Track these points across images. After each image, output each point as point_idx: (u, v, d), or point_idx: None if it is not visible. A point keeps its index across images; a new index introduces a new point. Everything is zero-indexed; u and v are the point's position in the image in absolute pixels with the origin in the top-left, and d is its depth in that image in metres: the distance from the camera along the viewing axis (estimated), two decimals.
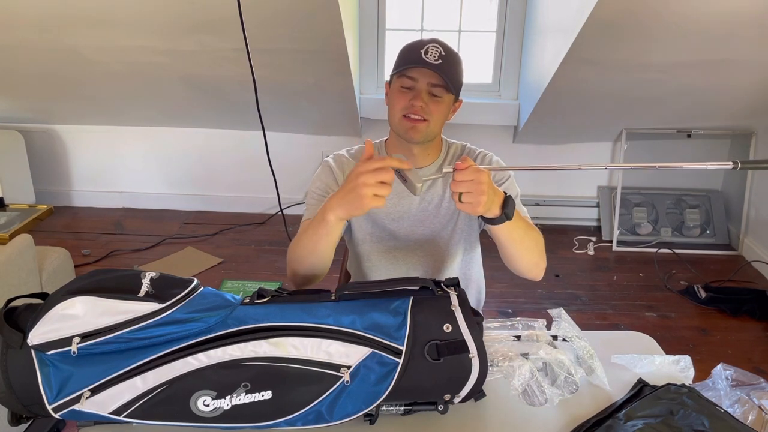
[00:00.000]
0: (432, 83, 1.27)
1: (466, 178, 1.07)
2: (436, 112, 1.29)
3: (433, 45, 1.26)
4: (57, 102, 3.37)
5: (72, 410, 0.89)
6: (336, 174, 1.40)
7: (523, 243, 1.23)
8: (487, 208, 1.10)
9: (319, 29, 2.51)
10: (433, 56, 1.25)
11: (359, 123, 3.39)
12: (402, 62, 1.29)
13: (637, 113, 3.18)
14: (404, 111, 1.29)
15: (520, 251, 1.24)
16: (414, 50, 1.27)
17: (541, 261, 1.30)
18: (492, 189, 1.10)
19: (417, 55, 1.25)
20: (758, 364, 2.42)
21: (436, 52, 1.25)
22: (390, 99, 1.34)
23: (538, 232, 1.28)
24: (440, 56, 1.25)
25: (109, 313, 0.88)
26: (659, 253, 3.35)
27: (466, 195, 1.07)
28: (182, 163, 3.69)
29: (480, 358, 0.93)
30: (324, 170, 1.42)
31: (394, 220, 1.42)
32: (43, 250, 2.19)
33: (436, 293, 1.00)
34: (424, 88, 1.27)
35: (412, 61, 1.26)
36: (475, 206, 1.08)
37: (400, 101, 1.29)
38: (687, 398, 0.99)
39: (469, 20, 3.23)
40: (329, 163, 1.43)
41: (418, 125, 1.29)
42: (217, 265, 3.13)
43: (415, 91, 1.28)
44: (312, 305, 0.97)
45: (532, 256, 1.27)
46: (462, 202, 1.08)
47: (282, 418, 0.90)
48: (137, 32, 2.59)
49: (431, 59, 1.25)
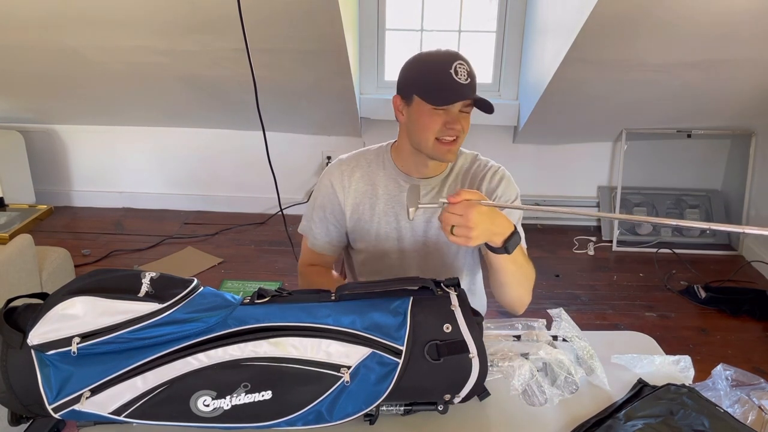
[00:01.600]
0: (465, 104, 1.23)
1: (456, 212, 1.05)
2: (466, 128, 1.26)
3: (459, 63, 1.19)
4: (57, 102, 3.36)
5: (72, 410, 0.89)
6: (337, 190, 1.39)
7: (515, 276, 1.21)
8: (486, 238, 1.09)
9: (319, 29, 2.51)
10: (463, 76, 1.19)
11: (359, 123, 3.39)
12: (434, 87, 1.21)
13: (637, 113, 3.18)
14: (438, 134, 1.23)
15: (509, 283, 1.22)
16: (443, 72, 1.19)
17: (526, 297, 1.28)
18: (491, 220, 1.07)
19: (449, 78, 1.18)
20: (758, 364, 2.42)
21: (464, 71, 1.19)
22: (418, 120, 1.25)
23: (532, 268, 1.26)
24: (468, 74, 1.20)
25: (109, 313, 0.88)
26: (659, 253, 3.35)
27: (457, 228, 1.06)
28: (182, 163, 3.69)
29: (480, 359, 0.93)
30: (324, 188, 1.41)
31: (396, 229, 1.39)
32: (43, 250, 2.19)
33: (436, 293, 1.00)
34: (458, 109, 1.23)
35: (447, 85, 1.19)
36: (466, 240, 1.06)
37: (434, 124, 1.22)
38: (687, 398, 0.99)
39: (469, 20, 3.23)
40: (331, 175, 1.40)
41: (452, 147, 1.25)
42: (217, 265, 3.13)
43: (449, 114, 1.22)
44: (312, 305, 0.97)
45: (518, 290, 1.25)
46: (453, 235, 1.07)
47: (282, 418, 0.90)
48: (137, 32, 2.59)
49: (461, 79, 1.19)
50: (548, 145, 3.50)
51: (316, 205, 1.42)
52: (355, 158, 1.42)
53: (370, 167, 1.40)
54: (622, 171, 3.44)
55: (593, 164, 3.57)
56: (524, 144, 3.48)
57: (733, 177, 3.47)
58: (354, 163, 1.41)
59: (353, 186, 1.39)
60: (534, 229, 3.61)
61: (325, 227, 1.42)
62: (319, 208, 1.41)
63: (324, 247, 1.44)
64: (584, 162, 3.56)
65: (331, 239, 1.44)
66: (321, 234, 1.43)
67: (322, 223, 1.42)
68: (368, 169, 1.40)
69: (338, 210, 1.40)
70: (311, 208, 1.43)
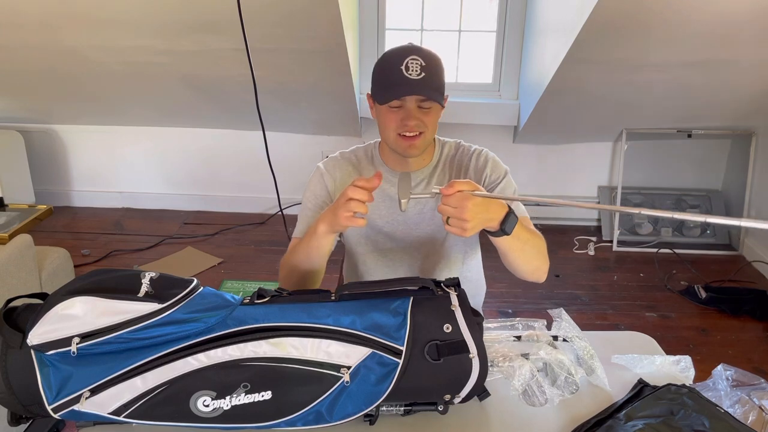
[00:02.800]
0: (419, 100, 1.24)
1: (452, 204, 1.06)
2: (429, 123, 1.27)
3: (411, 59, 1.20)
4: (57, 102, 3.36)
5: (72, 410, 0.88)
6: (326, 179, 1.40)
7: (524, 252, 1.21)
8: (482, 226, 1.10)
9: (319, 29, 2.51)
10: (415, 71, 1.20)
11: (359, 123, 3.39)
12: (384, 85, 1.24)
13: (637, 113, 3.18)
14: (398, 130, 1.26)
15: (519, 260, 1.22)
16: (394, 68, 1.21)
17: (543, 264, 1.28)
18: (485, 209, 1.07)
19: (398, 75, 1.20)
20: (758, 364, 2.42)
21: (417, 66, 1.20)
22: (380, 118, 1.30)
23: (540, 237, 1.26)
24: (421, 69, 1.20)
25: (109, 313, 0.88)
26: (659, 253, 3.35)
27: (453, 219, 1.07)
28: (182, 163, 3.69)
29: (480, 359, 0.93)
30: (314, 178, 1.42)
31: (389, 223, 1.41)
32: (42, 250, 2.19)
33: (436, 293, 1.00)
34: (413, 106, 1.24)
35: (394, 82, 1.21)
36: (462, 231, 1.07)
37: (391, 121, 1.26)
38: (687, 398, 0.99)
39: (469, 20, 3.23)
40: (320, 169, 1.42)
41: (415, 141, 1.27)
42: (216, 265, 3.13)
43: (405, 110, 1.24)
44: (312, 305, 0.97)
45: (531, 262, 1.25)
46: (449, 225, 1.08)
47: (282, 419, 0.90)
48: (137, 32, 2.59)
49: (413, 75, 1.20)
50: (548, 145, 3.50)
51: (309, 206, 1.41)
52: (339, 157, 1.44)
53: (360, 164, 1.42)
54: (622, 171, 3.44)
55: (593, 164, 3.56)
56: (524, 144, 3.48)
57: (733, 177, 3.47)
58: (335, 163, 1.43)
59: (344, 183, 1.39)
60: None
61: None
62: (311, 209, 1.41)
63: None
64: (584, 162, 3.55)
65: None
66: None
67: (311, 219, 1.40)
68: (357, 165, 1.42)
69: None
70: (305, 214, 1.42)
